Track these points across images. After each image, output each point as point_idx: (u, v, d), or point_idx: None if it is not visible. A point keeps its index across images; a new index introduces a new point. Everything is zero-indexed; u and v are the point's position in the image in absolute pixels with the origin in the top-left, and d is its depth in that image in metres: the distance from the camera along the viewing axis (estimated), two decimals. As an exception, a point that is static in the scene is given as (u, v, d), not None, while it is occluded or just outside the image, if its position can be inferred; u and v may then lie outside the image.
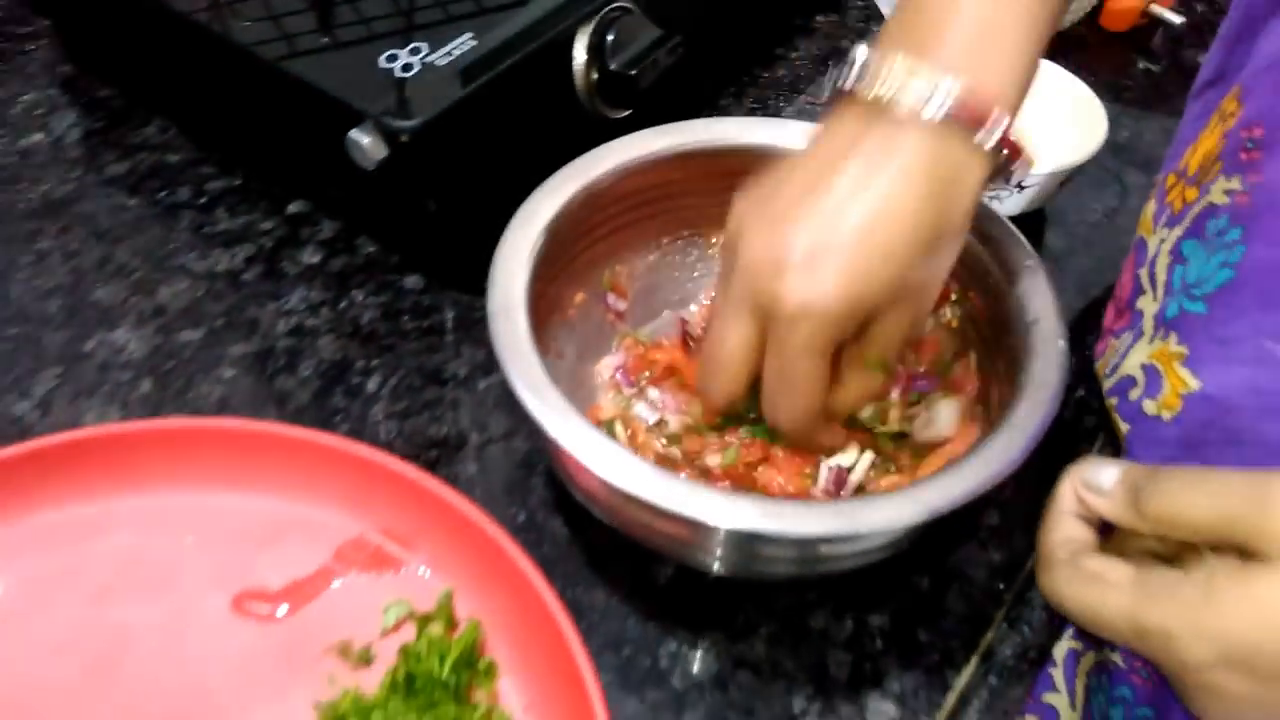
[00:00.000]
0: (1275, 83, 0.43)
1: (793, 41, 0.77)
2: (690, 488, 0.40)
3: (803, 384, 0.41)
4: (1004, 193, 0.60)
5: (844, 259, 0.38)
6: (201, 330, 0.57)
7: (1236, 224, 0.44)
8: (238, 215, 0.63)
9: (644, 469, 0.41)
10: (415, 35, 0.58)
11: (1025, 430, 0.43)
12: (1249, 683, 0.30)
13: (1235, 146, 0.45)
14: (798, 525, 0.39)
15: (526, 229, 0.49)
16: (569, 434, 0.42)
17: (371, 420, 0.53)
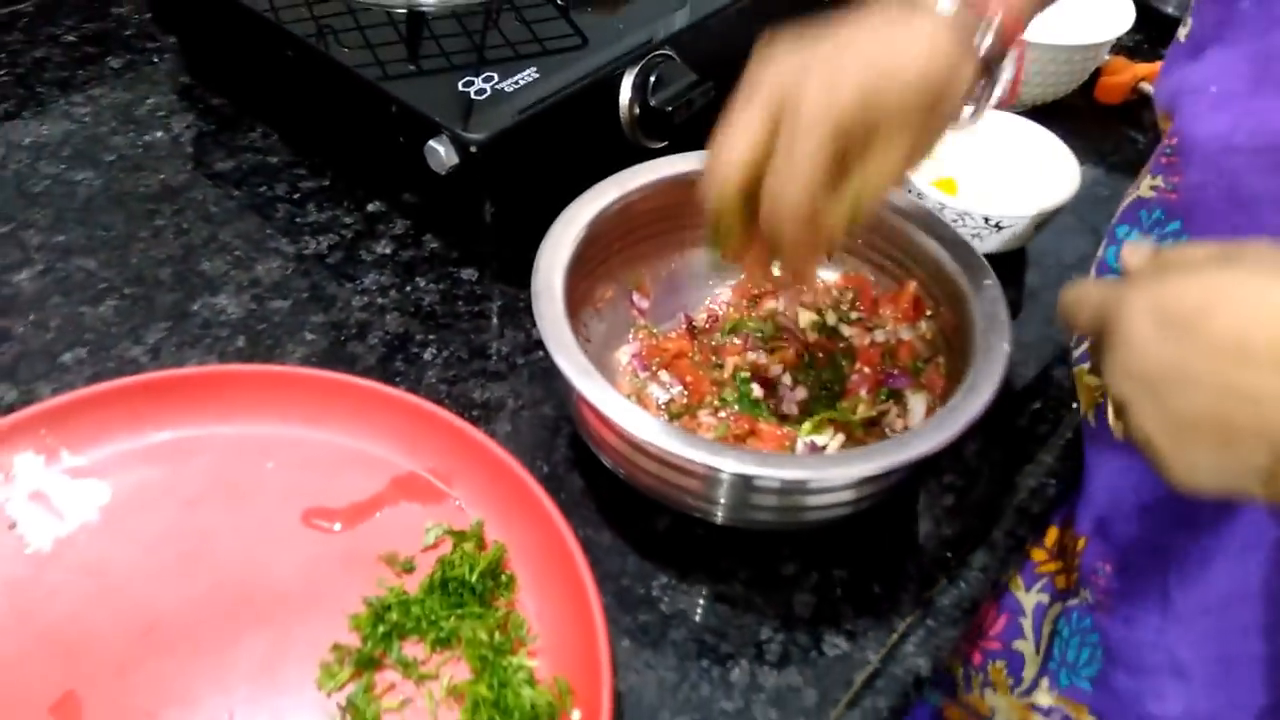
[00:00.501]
0: (1192, 104, 0.52)
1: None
2: (687, 437, 0.49)
3: (805, 164, 0.45)
4: (985, 233, 0.69)
5: (859, 70, 0.44)
6: (289, 301, 0.67)
7: (1174, 217, 0.53)
8: (324, 210, 0.73)
9: (650, 420, 0.50)
10: (488, 67, 0.68)
11: (965, 414, 0.51)
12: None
13: (1160, 151, 0.55)
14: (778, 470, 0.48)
15: (567, 229, 0.59)
16: (593, 390, 0.51)
17: (426, 382, 0.63)
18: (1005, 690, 0.64)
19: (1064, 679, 0.61)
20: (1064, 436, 0.62)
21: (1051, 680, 0.62)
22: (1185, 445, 0.38)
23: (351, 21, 0.73)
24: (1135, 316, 0.39)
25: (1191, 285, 0.38)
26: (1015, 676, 0.64)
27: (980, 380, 0.53)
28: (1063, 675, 0.61)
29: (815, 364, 0.62)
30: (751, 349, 0.63)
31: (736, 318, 0.64)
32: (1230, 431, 0.36)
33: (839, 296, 0.66)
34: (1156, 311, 0.38)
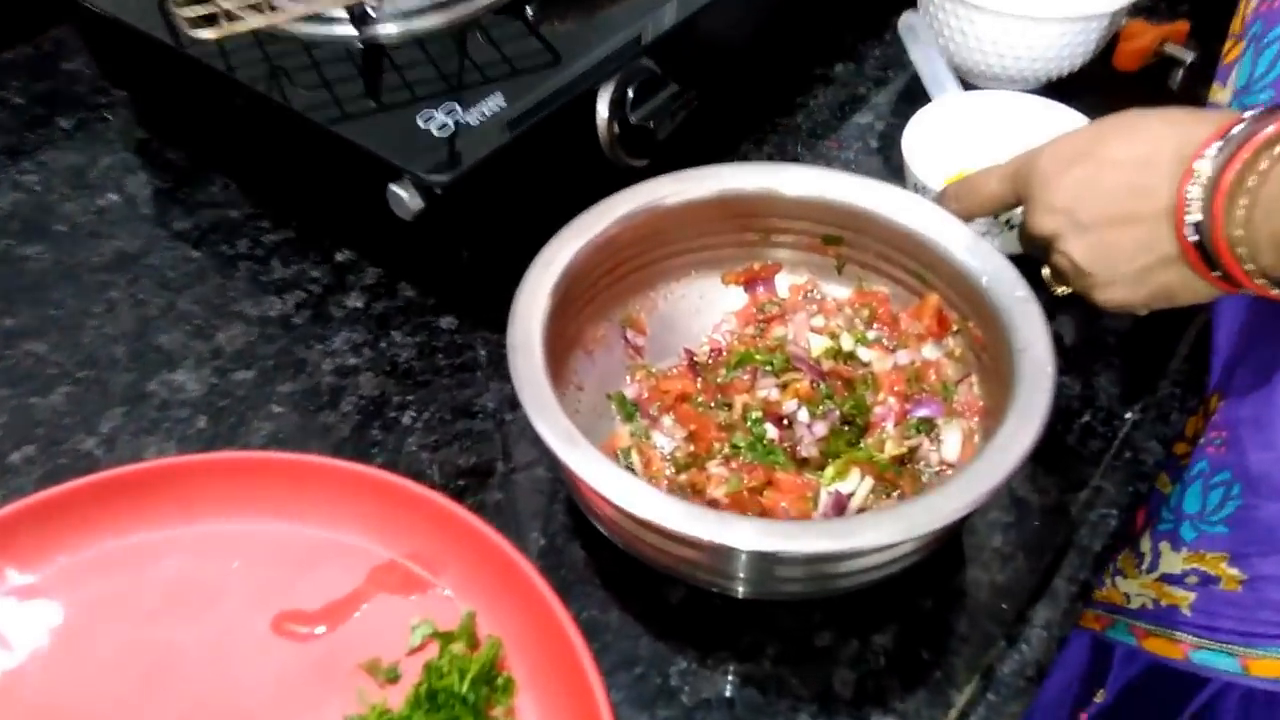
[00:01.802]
0: None
1: (811, 90, 0.80)
2: (695, 509, 0.43)
3: None
4: (995, 230, 0.62)
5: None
6: (253, 371, 0.61)
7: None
8: (290, 264, 0.68)
9: (647, 492, 0.44)
10: (451, 96, 0.62)
11: (1012, 453, 0.44)
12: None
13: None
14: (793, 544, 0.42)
15: (545, 272, 0.53)
16: (581, 461, 0.45)
17: (406, 451, 0.57)
18: (1134, 573, 0.65)
19: (1188, 532, 0.60)
20: (1121, 456, 0.55)
21: (1173, 541, 0.61)
22: (1105, 256, 0.48)
23: (306, 60, 0.67)
24: (1043, 167, 0.50)
25: (1079, 135, 0.50)
26: (1136, 555, 0.64)
27: (1025, 407, 0.46)
28: (1185, 529, 0.60)
29: (833, 395, 0.56)
30: (761, 384, 0.56)
31: (742, 350, 0.58)
32: (1137, 225, 0.47)
33: (853, 315, 0.60)
34: (1058, 157, 0.50)
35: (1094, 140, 0.48)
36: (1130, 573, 0.64)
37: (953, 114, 0.71)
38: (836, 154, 0.75)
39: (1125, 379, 0.59)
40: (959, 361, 0.56)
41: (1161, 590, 0.62)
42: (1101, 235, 0.48)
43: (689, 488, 0.53)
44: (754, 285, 0.62)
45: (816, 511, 0.50)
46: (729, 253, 0.61)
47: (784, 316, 0.60)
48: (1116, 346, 0.61)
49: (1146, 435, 0.56)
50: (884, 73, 0.82)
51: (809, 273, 0.61)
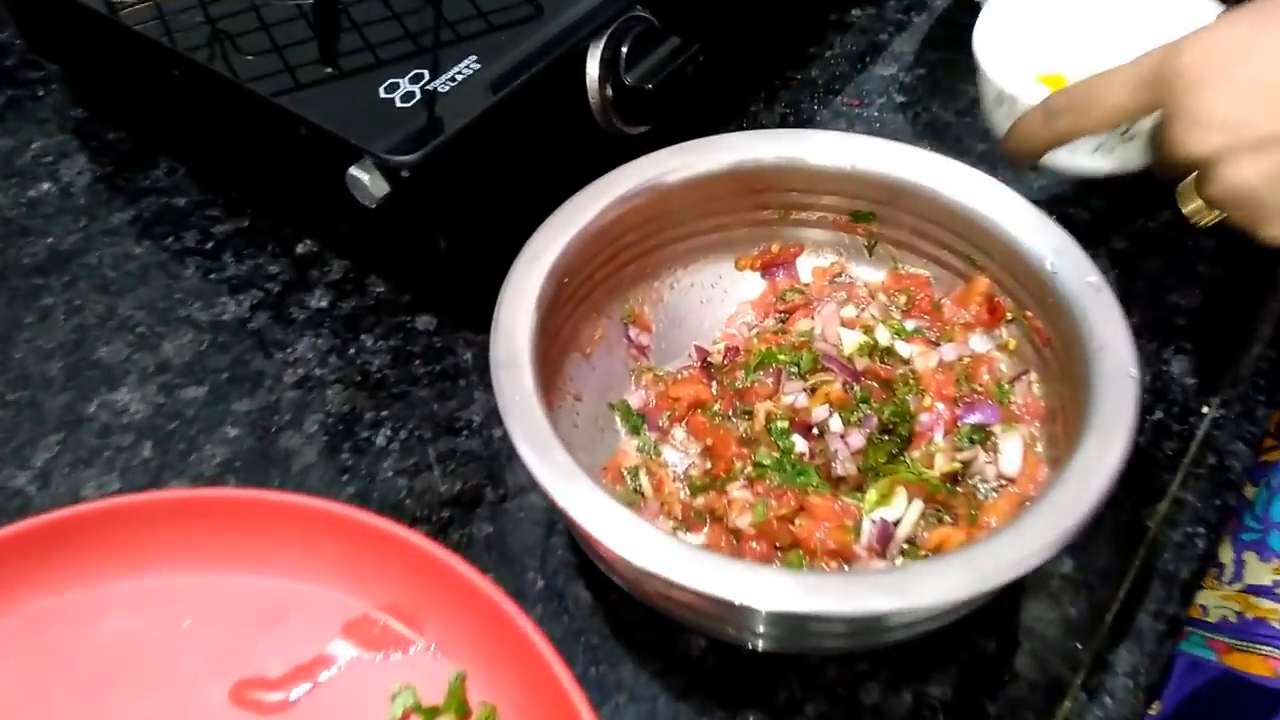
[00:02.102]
0: None
1: (827, 39, 0.72)
2: (713, 562, 0.36)
3: None
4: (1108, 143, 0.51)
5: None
6: (205, 387, 0.54)
7: None
8: (244, 259, 0.60)
9: (661, 542, 0.37)
10: (417, 60, 0.54)
11: (1096, 479, 0.37)
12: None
13: None
14: (836, 604, 0.35)
15: (532, 269, 0.45)
16: (578, 504, 0.38)
17: (381, 478, 0.50)
18: (1212, 584, 0.60)
19: (1278, 541, 0.56)
20: (1203, 461, 0.48)
21: (1260, 551, 0.57)
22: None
23: (254, 22, 0.59)
24: (1191, 68, 0.41)
25: (1234, 28, 0.42)
26: (1215, 565, 0.59)
27: (1107, 421, 0.39)
28: (1274, 538, 0.56)
29: (870, 398, 0.48)
30: (787, 388, 0.49)
31: (763, 348, 0.50)
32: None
33: (889, 303, 0.52)
34: (1212, 55, 0.41)
35: (1253, 31, 0.40)
36: (1208, 583, 0.58)
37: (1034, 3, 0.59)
38: (858, 112, 0.66)
39: (1201, 367, 0.51)
40: (1014, 355, 0.49)
41: (1246, 602, 0.56)
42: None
43: (708, 513, 0.46)
44: (773, 270, 0.54)
45: (859, 543, 0.43)
46: (743, 233, 0.53)
47: (809, 306, 0.52)
48: (1188, 328, 0.53)
49: (1230, 436, 0.48)
50: (906, 15, 0.74)
51: (836, 254, 0.54)
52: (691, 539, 0.46)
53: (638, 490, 0.47)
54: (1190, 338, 0.53)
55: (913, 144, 0.63)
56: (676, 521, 0.46)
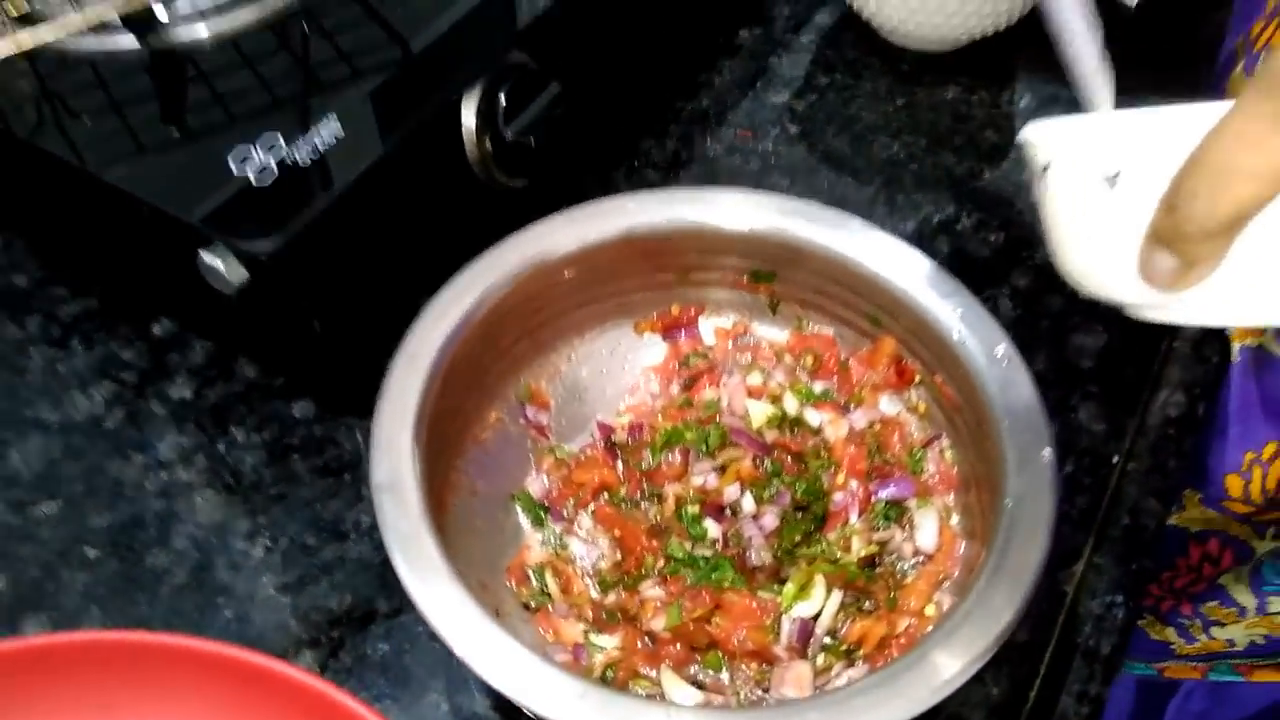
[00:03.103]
0: None
1: (715, 64, 0.69)
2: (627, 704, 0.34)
3: None
4: None
5: None
6: (58, 500, 0.49)
7: None
8: (95, 345, 0.54)
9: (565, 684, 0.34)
10: (269, 122, 0.49)
11: (1019, 580, 0.36)
12: None
13: None
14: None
15: (410, 371, 0.42)
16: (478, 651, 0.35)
17: (261, 596, 0.45)
18: (1234, 620, 0.59)
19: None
20: (1117, 521, 0.47)
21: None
22: None
23: (89, 82, 0.53)
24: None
25: None
26: (1235, 607, 0.58)
27: (1027, 514, 0.38)
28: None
29: (781, 472, 0.46)
30: (696, 469, 0.47)
31: (668, 426, 0.48)
32: None
33: (795, 364, 0.50)
34: None
35: None
36: (1229, 620, 0.58)
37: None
38: (753, 146, 0.64)
39: (1110, 413, 0.51)
40: (925, 419, 0.47)
41: (1272, 623, 0.57)
42: None
43: (619, 613, 0.44)
44: (674, 333, 0.51)
45: (779, 644, 0.41)
46: (640, 297, 0.51)
47: (713, 371, 0.50)
48: (1095, 370, 0.52)
49: (1141, 491, 0.48)
50: (794, 34, 0.71)
51: (738, 314, 0.51)
52: (605, 641, 0.43)
53: (544, 591, 0.44)
54: (1098, 381, 0.52)
55: (809, 177, 0.63)
56: (588, 623, 0.44)
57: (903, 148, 0.64)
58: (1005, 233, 0.59)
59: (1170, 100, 0.34)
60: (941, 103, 0.67)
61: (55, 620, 0.45)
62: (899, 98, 0.67)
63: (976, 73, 0.68)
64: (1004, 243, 0.59)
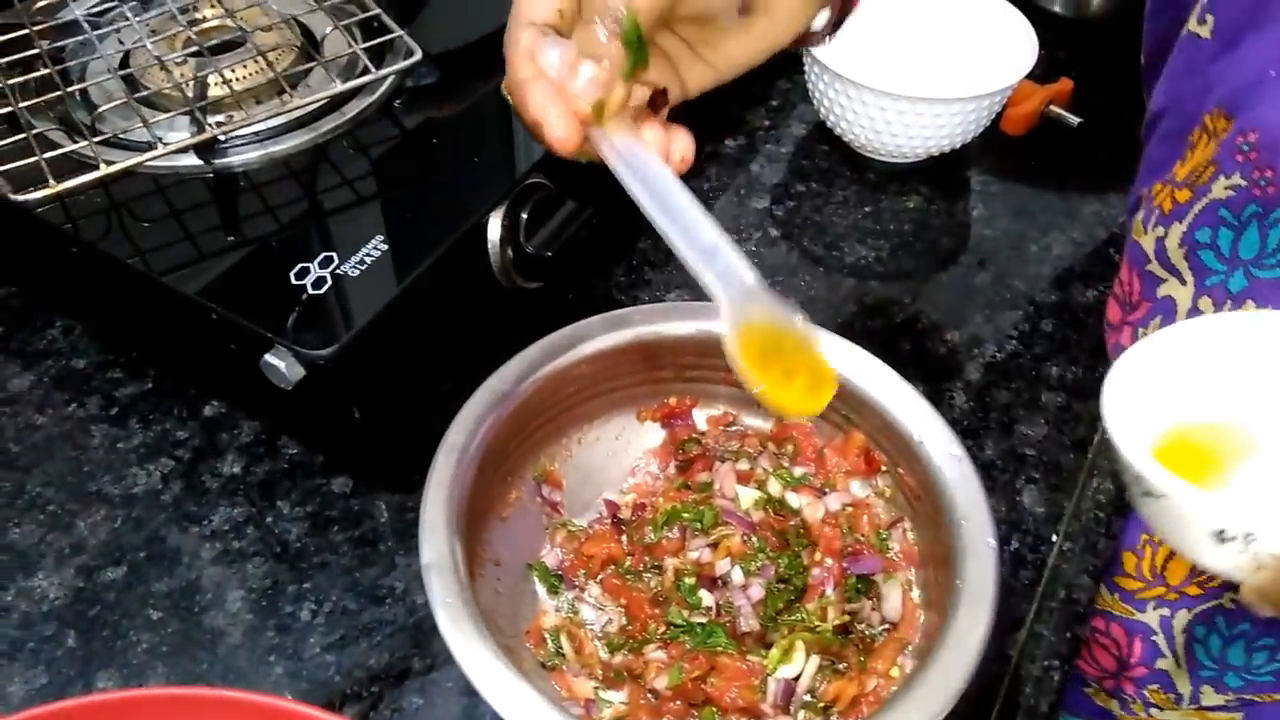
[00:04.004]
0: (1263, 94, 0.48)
1: (703, 171, 0.77)
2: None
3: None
4: None
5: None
6: (123, 567, 0.55)
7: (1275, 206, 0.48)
8: (151, 424, 0.61)
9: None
10: (326, 243, 0.56)
11: (967, 649, 0.43)
12: None
13: (1229, 152, 0.50)
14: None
15: (450, 460, 0.48)
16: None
17: (308, 655, 0.52)
18: (1170, 706, 0.63)
19: (1233, 680, 0.59)
20: (1055, 594, 0.54)
21: (1217, 686, 0.60)
22: None
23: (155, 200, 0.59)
24: None
25: None
26: (1173, 694, 0.62)
27: (972, 593, 0.45)
28: (1230, 678, 0.59)
29: (766, 548, 0.53)
30: (692, 544, 0.53)
31: (668, 506, 0.55)
32: None
33: (778, 451, 0.57)
34: None
35: None
36: (1167, 706, 0.63)
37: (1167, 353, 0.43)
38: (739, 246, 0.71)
39: (1049, 497, 0.58)
40: (890, 502, 0.54)
41: (1205, 716, 0.62)
42: None
43: (626, 672, 0.50)
44: (671, 421, 0.58)
45: (765, 701, 0.48)
46: (642, 390, 0.58)
47: (706, 456, 0.57)
48: (1036, 459, 0.60)
49: (1076, 570, 0.55)
50: (775, 146, 0.79)
51: (727, 405, 0.58)
52: (613, 697, 0.50)
53: (559, 653, 0.51)
54: (1038, 468, 0.60)
55: (790, 277, 0.71)
56: (598, 681, 0.50)
57: (870, 251, 0.72)
58: (959, 332, 0.67)
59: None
60: (904, 211, 0.75)
61: (124, 676, 0.51)
62: (866, 205, 0.76)
63: (936, 184, 0.77)
64: (959, 341, 0.67)
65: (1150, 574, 0.58)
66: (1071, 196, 0.77)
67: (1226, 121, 0.51)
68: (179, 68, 0.63)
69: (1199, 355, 0.42)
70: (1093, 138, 0.80)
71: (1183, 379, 0.42)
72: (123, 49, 0.66)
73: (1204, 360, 0.42)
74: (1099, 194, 0.77)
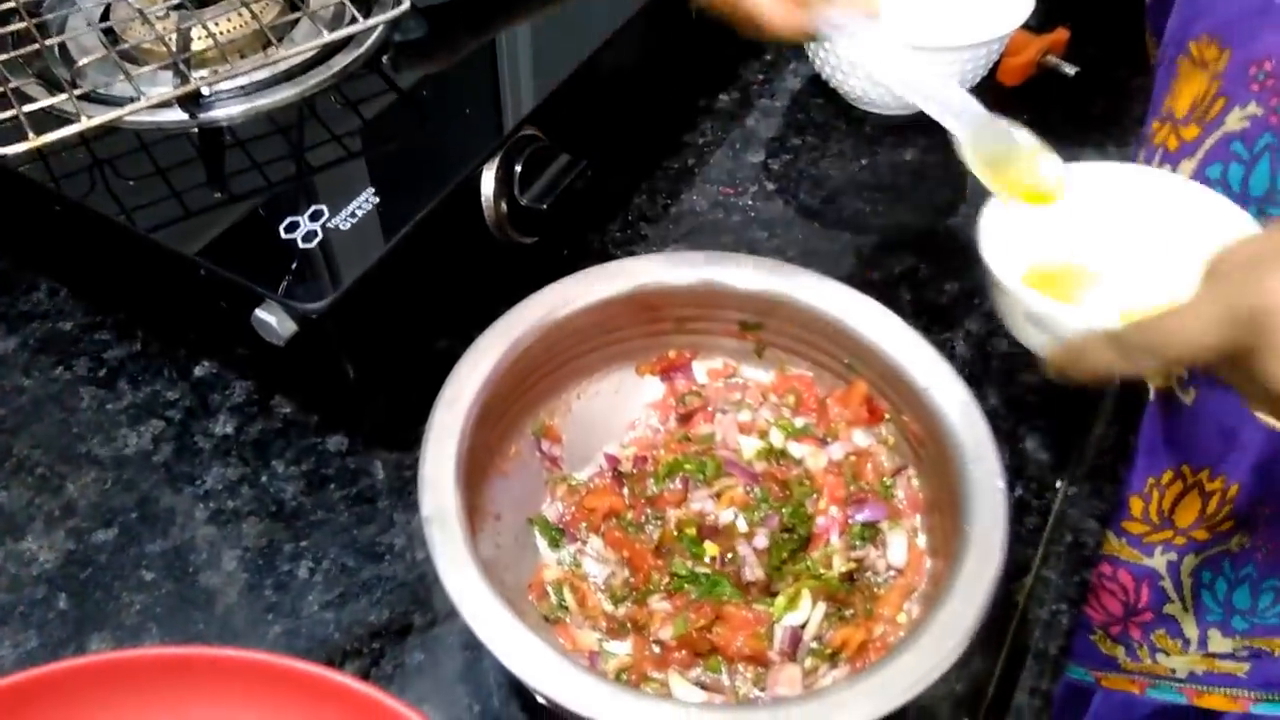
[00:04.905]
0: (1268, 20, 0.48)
1: (697, 125, 0.76)
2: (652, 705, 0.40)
3: None
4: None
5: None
6: (114, 529, 0.54)
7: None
8: (141, 386, 0.59)
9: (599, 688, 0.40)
10: (315, 196, 0.55)
11: (977, 594, 0.42)
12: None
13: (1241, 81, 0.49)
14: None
15: (450, 414, 0.47)
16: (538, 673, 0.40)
17: (307, 613, 0.51)
18: (1178, 652, 0.63)
19: (1239, 623, 0.59)
20: (1061, 539, 0.54)
21: (1223, 629, 0.60)
22: None
23: (140, 156, 0.58)
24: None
25: None
26: (1181, 639, 0.63)
27: (982, 537, 0.44)
28: (1236, 621, 0.59)
29: (770, 498, 0.53)
30: (694, 496, 0.53)
31: (669, 458, 0.54)
32: None
33: (780, 402, 0.56)
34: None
35: None
36: (1174, 651, 0.63)
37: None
38: (734, 200, 0.71)
39: (1053, 444, 0.58)
40: (893, 450, 0.54)
41: (1212, 663, 0.62)
42: None
43: (630, 623, 0.49)
44: (671, 374, 0.58)
45: (772, 649, 0.47)
46: (641, 343, 0.57)
47: (706, 408, 0.56)
48: (1040, 405, 0.60)
49: (1082, 514, 0.55)
50: (770, 100, 0.78)
51: (727, 357, 0.58)
52: (617, 648, 0.49)
53: (562, 605, 0.50)
54: (1042, 415, 0.59)
55: (786, 231, 0.70)
56: (601, 633, 0.50)
57: (867, 204, 0.71)
58: (959, 282, 0.66)
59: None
60: (901, 163, 0.74)
61: (117, 638, 0.50)
62: (863, 158, 0.75)
63: (932, 135, 0.76)
64: (958, 291, 0.66)
65: (1158, 517, 0.57)
66: (1069, 147, 0.75)
67: (1219, 51, 0.50)
68: (161, 21, 0.61)
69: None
70: (1090, 87, 0.79)
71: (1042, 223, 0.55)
72: (103, 1, 0.64)
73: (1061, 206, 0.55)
74: (1097, 144, 0.76)
